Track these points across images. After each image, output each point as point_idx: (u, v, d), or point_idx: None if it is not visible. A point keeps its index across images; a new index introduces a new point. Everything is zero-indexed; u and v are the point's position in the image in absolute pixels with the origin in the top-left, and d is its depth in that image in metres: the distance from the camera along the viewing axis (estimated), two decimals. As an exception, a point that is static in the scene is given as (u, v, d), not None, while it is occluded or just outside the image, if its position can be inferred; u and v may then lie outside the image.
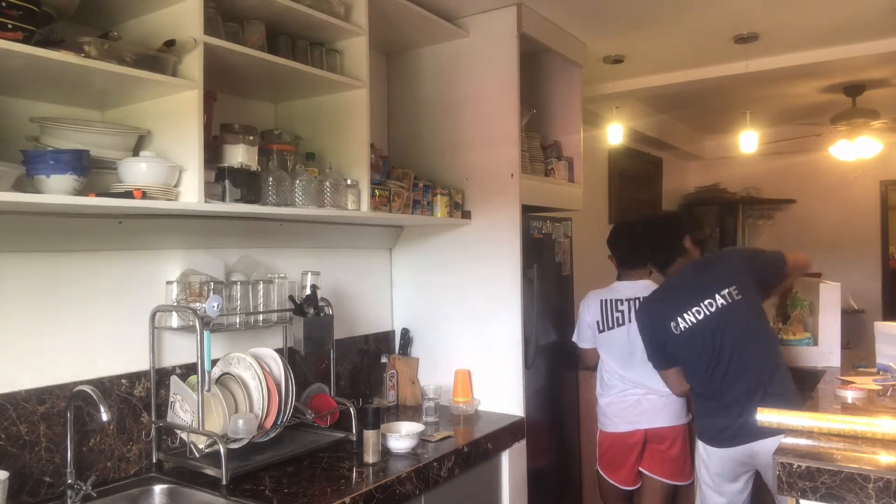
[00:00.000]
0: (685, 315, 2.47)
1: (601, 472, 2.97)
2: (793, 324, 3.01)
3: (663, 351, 2.57)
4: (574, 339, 3.08)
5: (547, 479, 3.01)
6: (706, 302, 2.45)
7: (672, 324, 2.49)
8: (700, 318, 2.45)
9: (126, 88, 1.75)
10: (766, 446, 2.26)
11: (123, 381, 1.98)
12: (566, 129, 3.26)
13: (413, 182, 2.57)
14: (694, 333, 2.46)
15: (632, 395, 2.86)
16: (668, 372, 2.62)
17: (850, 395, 2.13)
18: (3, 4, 1.37)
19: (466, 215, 2.82)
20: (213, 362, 2.04)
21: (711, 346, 2.44)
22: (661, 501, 2.87)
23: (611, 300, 2.93)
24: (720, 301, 2.44)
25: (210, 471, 1.90)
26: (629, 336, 2.87)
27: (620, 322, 2.89)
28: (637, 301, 2.88)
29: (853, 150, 5.21)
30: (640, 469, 2.88)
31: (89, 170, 1.59)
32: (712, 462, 2.49)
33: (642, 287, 2.92)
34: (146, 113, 1.84)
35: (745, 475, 2.49)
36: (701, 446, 2.54)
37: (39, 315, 1.81)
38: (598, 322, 2.94)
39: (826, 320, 2.97)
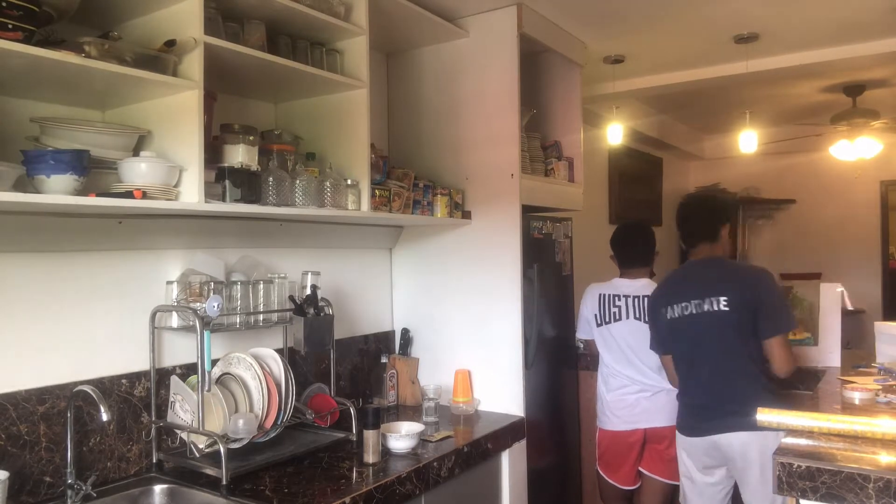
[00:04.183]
0: (674, 306, 2.51)
1: (601, 472, 2.98)
2: (793, 323, 3.01)
3: (658, 335, 2.63)
4: (577, 334, 3.10)
5: (547, 479, 3.01)
6: (695, 301, 2.46)
7: (664, 310, 2.55)
8: (685, 313, 2.47)
9: (126, 88, 1.75)
10: (727, 439, 2.34)
11: (123, 380, 1.98)
12: (566, 129, 3.26)
13: (413, 182, 2.57)
14: (677, 326, 2.50)
15: (631, 393, 2.86)
16: (664, 358, 2.65)
17: (857, 395, 2.13)
18: (4, 4, 1.37)
19: (466, 215, 2.82)
20: (214, 362, 2.04)
21: (687, 345, 2.49)
22: (660, 501, 2.88)
23: (609, 295, 2.95)
24: (706, 306, 2.42)
25: (210, 471, 1.90)
26: (626, 331, 2.88)
27: (618, 317, 2.91)
28: (636, 299, 2.90)
29: (853, 150, 5.21)
30: (640, 469, 2.89)
31: (89, 170, 1.59)
32: (683, 450, 2.53)
33: (641, 286, 2.93)
34: (146, 113, 1.84)
35: (717, 469, 2.47)
36: (677, 436, 2.57)
37: (39, 315, 1.81)
38: (595, 315, 2.96)
39: (826, 320, 2.97)
